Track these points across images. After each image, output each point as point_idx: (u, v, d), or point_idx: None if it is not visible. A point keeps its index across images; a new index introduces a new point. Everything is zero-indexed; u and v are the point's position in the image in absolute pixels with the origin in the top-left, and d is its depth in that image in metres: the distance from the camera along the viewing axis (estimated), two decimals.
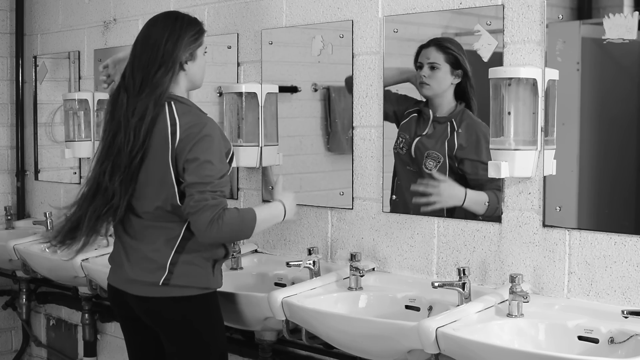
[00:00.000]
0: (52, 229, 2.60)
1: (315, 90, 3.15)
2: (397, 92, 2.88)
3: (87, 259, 3.32)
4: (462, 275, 2.48)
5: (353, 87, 2.98)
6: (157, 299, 2.48)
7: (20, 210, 4.65)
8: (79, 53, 4.24)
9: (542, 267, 2.51)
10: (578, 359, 1.94)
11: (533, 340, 2.29)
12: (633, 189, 2.38)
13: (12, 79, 4.65)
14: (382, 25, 2.88)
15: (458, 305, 2.46)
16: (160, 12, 2.58)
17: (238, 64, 3.39)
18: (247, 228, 2.45)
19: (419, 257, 2.81)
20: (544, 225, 2.50)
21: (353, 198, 3.00)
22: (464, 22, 2.67)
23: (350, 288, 2.74)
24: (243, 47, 3.37)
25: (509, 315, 2.35)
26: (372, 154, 2.94)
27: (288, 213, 2.63)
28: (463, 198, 2.69)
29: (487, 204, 2.63)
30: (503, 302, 2.41)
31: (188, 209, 2.37)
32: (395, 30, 2.85)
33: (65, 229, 2.53)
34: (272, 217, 2.59)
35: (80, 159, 4.23)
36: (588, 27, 2.42)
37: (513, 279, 2.35)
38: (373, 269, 2.91)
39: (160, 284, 2.46)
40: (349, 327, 2.44)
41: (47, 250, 2.81)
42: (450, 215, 2.73)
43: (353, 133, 2.99)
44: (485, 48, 2.59)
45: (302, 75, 3.20)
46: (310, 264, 2.89)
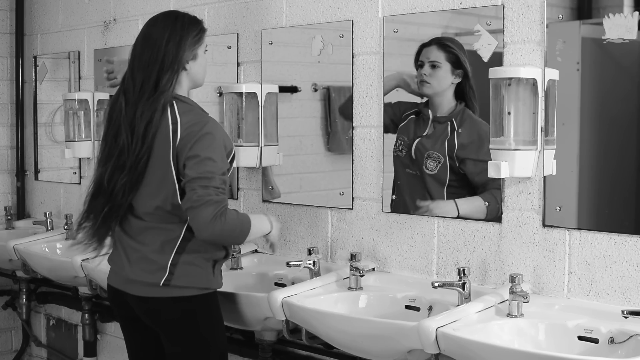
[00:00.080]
0: (77, 232, 2.61)
1: (315, 90, 3.15)
2: (390, 102, 2.88)
3: (87, 259, 3.33)
4: (462, 275, 2.47)
5: (353, 87, 2.98)
6: (157, 299, 2.48)
7: (20, 210, 4.65)
8: (79, 53, 4.24)
9: (542, 267, 2.51)
10: (578, 359, 1.94)
11: (533, 340, 2.29)
12: (633, 189, 2.38)
13: (12, 79, 4.64)
14: (382, 25, 2.88)
15: (458, 305, 2.45)
16: (160, 12, 2.58)
17: (238, 64, 3.38)
18: (244, 232, 2.46)
19: (419, 257, 2.81)
20: (544, 225, 2.50)
21: (353, 198, 3.00)
22: (464, 22, 2.67)
23: (350, 288, 2.74)
24: (243, 47, 3.37)
25: (509, 315, 2.34)
26: (372, 154, 2.94)
27: (273, 233, 2.64)
28: (456, 211, 2.70)
29: (487, 204, 2.63)
30: (503, 302, 2.41)
31: (190, 203, 2.35)
32: (395, 30, 2.85)
33: (90, 232, 2.55)
34: (259, 231, 2.58)
35: (80, 159, 4.23)
36: (588, 27, 2.41)
37: (513, 279, 2.35)
38: (373, 269, 2.91)
39: (161, 285, 2.46)
40: (349, 327, 2.44)
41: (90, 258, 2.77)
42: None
43: (353, 133, 2.99)
44: (485, 48, 2.59)
45: (302, 75, 3.20)
46: (310, 264, 2.89)
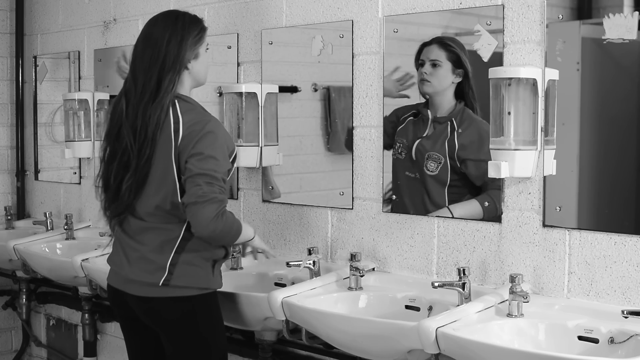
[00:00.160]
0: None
1: (315, 90, 3.15)
2: (386, 115, 2.88)
3: (87, 259, 3.33)
4: (462, 275, 2.47)
5: (353, 87, 2.97)
6: (156, 299, 2.48)
7: (20, 210, 4.65)
8: (79, 53, 4.24)
9: (542, 267, 2.51)
10: (578, 359, 1.94)
11: (533, 340, 2.29)
12: (633, 189, 2.38)
13: (12, 79, 4.64)
14: (382, 25, 2.88)
15: (458, 305, 2.45)
16: (160, 12, 2.58)
17: (238, 64, 3.38)
18: (238, 232, 2.46)
19: (419, 257, 2.81)
20: (544, 225, 2.50)
21: (353, 198, 3.00)
22: (464, 22, 2.67)
23: (350, 288, 2.74)
24: (243, 47, 3.37)
25: (509, 315, 2.34)
26: (372, 154, 2.94)
27: (256, 239, 2.65)
28: (450, 216, 2.71)
29: (487, 204, 2.63)
30: (503, 302, 2.41)
31: (195, 198, 2.33)
32: (395, 30, 2.85)
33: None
34: (246, 235, 2.58)
35: (80, 159, 4.23)
36: (588, 27, 2.41)
37: (513, 279, 2.35)
38: (373, 269, 2.91)
39: (160, 285, 2.46)
40: (349, 327, 2.44)
41: None
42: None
43: (353, 133, 2.99)
44: (485, 48, 2.59)
45: (302, 75, 3.20)
46: (310, 264, 2.89)
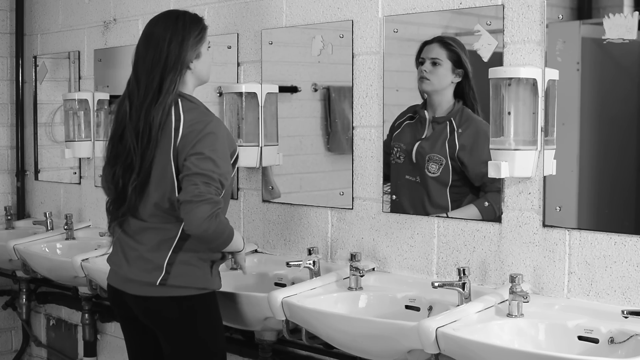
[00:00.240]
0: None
1: (315, 90, 3.15)
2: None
3: (87, 259, 3.33)
4: (462, 275, 2.47)
5: (353, 87, 2.97)
6: (155, 299, 2.48)
7: (20, 210, 4.65)
8: (79, 53, 4.24)
9: (542, 267, 2.51)
10: (578, 359, 1.94)
11: (533, 340, 2.29)
12: (633, 189, 2.38)
13: (12, 79, 4.64)
14: (382, 25, 2.88)
15: (458, 305, 2.45)
16: (160, 12, 2.58)
17: (238, 64, 3.38)
18: (229, 238, 2.45)
19: (419, 257, 2.81)
20: (544, 225, 2.50)
21: (353, 198, 3.00)
22: (464, 22, 2.67)
23: (350, 288, 2.74)
24: (243, 47, 3.37)
25: (509, 315, 2.34)
26: (372, 154, 2.94)
27: (242, 253, 2.65)
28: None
29: (487, 204, 2.63)
30: (503, 302, 2.41)
31: (190, 197, 2.32)
32: (395, 30, 2.85)
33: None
34: (236, 244, 2.55)
35: (80, 159, 4.23)
36: (588, 27, 2.41)
37: (513, 279, 2.35)
38: (373, 269, 2.91)
39: (157, 284, 2.46)
40: (349, 327, 2.44)
41: None
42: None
43: (353, 133, 2.99)
44: (485, 48, 2.59)
45: (302, 75, 3.20)
46: (310, 264, 2.89)
